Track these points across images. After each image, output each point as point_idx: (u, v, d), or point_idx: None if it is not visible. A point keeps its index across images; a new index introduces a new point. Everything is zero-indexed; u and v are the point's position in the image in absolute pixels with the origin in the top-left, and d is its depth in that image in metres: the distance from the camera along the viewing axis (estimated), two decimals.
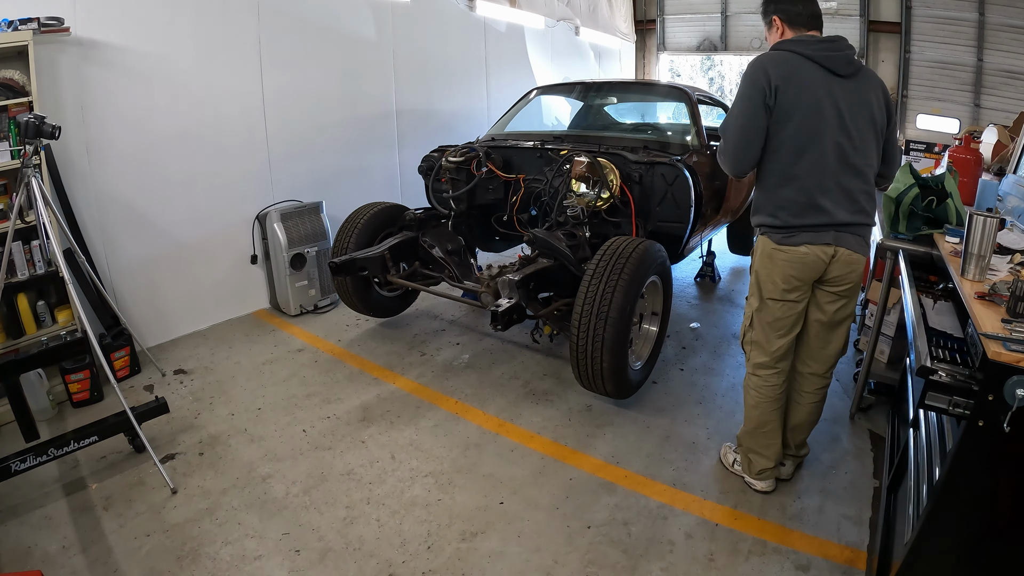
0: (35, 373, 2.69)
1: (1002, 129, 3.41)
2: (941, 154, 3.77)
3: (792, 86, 1.81)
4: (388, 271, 3.35)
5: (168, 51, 3.37)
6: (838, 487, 2.31)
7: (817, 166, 1.85)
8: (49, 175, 2.84)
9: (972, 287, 1.61)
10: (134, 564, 1.92)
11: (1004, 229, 2.10)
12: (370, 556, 1.96)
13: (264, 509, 2.18)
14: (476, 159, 3.55)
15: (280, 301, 4.04)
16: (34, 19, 2.69)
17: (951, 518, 1.38)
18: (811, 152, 1.85)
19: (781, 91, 1.81)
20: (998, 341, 1.26)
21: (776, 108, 1.83)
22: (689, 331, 3.81)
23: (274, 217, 3.85)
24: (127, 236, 3.35)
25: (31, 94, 2.70)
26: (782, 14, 1.95)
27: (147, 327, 3.44)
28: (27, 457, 2.15)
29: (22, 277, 2.75)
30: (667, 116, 5.56)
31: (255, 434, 2.66)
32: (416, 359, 3.40)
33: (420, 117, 5.10)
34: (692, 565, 1.93)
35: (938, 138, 5.55)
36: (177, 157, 3.50)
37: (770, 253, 1.99)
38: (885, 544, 1.84)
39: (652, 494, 2.27)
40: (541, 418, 2.79)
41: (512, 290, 2.72)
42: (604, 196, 3.08)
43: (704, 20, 8.06)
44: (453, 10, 5.35)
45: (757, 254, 2.06)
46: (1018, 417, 1.19)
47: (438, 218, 3.70)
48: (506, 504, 2.21)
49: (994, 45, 5.90)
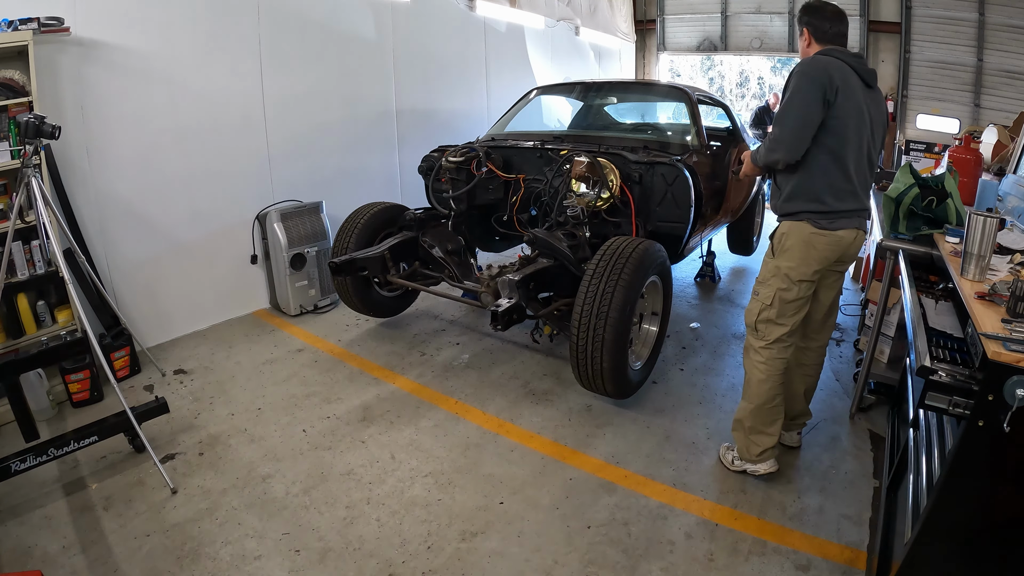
0: (35, 373, 2.69)
1: (1002, 129, 3.41)
2: (941, 154, 3.78)
3: (846, 88, 2.02)
4: (388, 271, 3.35)
5: (168, 51, 3.37)
6: (838, 487, 2.31)
7: (855, 159, 2.08)
8: (49, 175, 2.84)
9: (972, 287, 1.61)
10: (134, 564, 1.92)
11: (1004, 229, 2.10)
12: (370, 556, 1.96)
13: (264, 509, 2.18)
14: (476, 159, 3.55)
15: (280, 301, 4.04)
16: (34, 19, 2.69)
17: (951, 518, 1.38)
18: (852, 146, 2.06)
19: (840, 91, 1.99)
20: (998, 341, 1.26)
21: (834, 106, 2.00)
22: (689, 331, 3.81)
23: (274, 217, 3.85)
24: (127, 236, 3.34)
25: (31, 94, 2.70)
26: (812, 28, 2.16)
27: (147, 327, 3.44)
28: (27, 457, 2.15)
29: (22, 277, 2.75)
30: (667, 116, 5.57)
31: (255, 434, 2.66)
32: (416, 359, 3.40)
33: (420, 117, 5.10)
34: (692, 565, 1.93)
35: (938, 138, 5.56)
36: (177, 157, 3.50)
37: (808, 238, 2.10)
38: (885, 544, 1.84)
39: (652, 494, 2.27)
40: (541, 418, 2.79)
41: (512, 290, 2.72)
42: (604, 196, 3.08)
43: (704, 20, 8.06)
44: (453, 10, 5.35)
45: (791, 240, 2.13)
46: (1018, 417, 1.19)
47: (438, 218, 3.70)
48: (506, 504, 2.21)
49: (994, 45, 5.90)
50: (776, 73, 13.49)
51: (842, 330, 3.83)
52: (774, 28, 7.50)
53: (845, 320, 3.99)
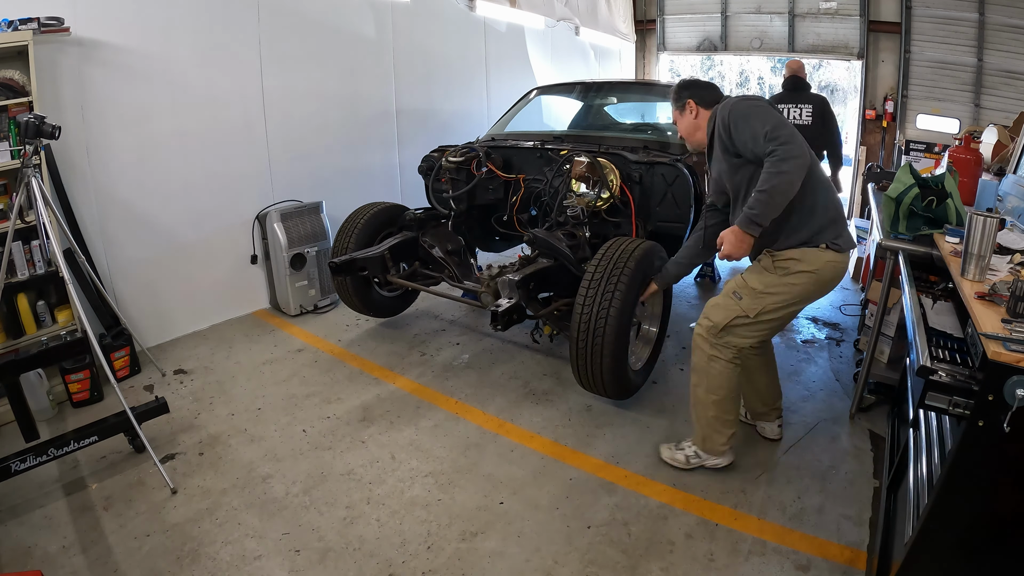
0: (35, 373, 2.69)
1: (1002, 129, 3.40)
2: (941, 154, 3.78)
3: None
4: (388, 271, 3.35)
5: (168, 51, 3.37)
6: (838, 487, 2.31)
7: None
8: (49, 175, 2.84)
9: (972, 287, 1.61)
10: (134, 564, 1.92)
11: (1004, 229, 2.10)
12: (370, 556, 1.96)
13: (264, 509, 2.18)
14: (476, 159, 3.55)
15: (280, 301, 4.04)
16: (34, 19, 2.69)
17: (951, 518, 1.38)
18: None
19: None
20: (998, 341, 1.26)
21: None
22: (689, 331, 3.79)
23: (274, 217, 3.85)
24: (127, 236, 3.34)
25: (31, 94, 2.70)
26: (696, 98, 2.28)
27: (147, 327, 3.44)
28: (27, 457, 2.15)
29: (22, 277, 2.75)
30: (667, 116, 5.55)
31: (255, 434, 2.66)
32: (416, 359, 3.40)
33: (420, 117, 5.10)
34: (692, 565, 1.93)
35: (938, 138, 5.57)
36: (177, 157, 3.50)
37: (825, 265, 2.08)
38: (885, 544, 1.84)
39: (652, 494, 2.27)
40: (541, 418, 2.79)
41: (512, 290, 2.72)
42: (604, 196, 3.08)
43: (704, 20, 8.05)
44: (453, 10, 5.35)
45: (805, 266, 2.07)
46: (1018, 417, 1.19)
47: (438, 218, 3.70)
48: (506, 504, 2.21)
49: (994, 45, 5.89)
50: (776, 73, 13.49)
51: (842, 330, 3.83)
52: (774, 28, 7.50)
53: (845, 320, 3.99)
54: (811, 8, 7.09)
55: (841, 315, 4.09)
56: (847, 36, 6.95)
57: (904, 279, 2.04)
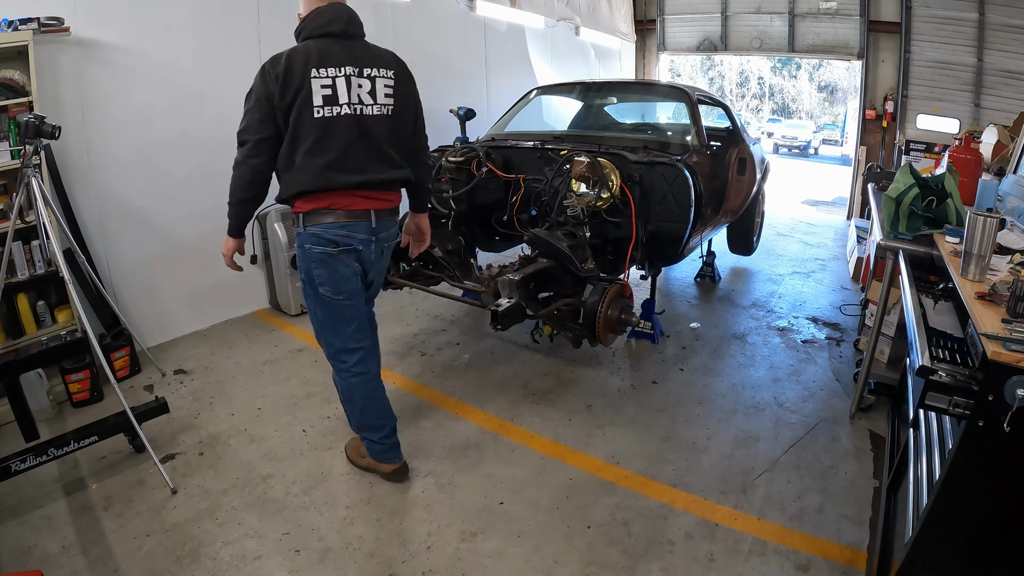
0: (35, 373, 2.69)
1: (1002, 129, 3.40)
2: (941, 154, 3.78)
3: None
4: (388, 271, 3.34)
5: (168, 51, 3.36)
6: (838, 487, 2.31)
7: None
8: (49, 175, 2.83)
9: (972, 287, 1.61)
10: (134, 564, 1.92)
11: (1004, 229, 2.10)
12: (370, 556, 1.96)
13: (264, 509, 2.18)
14: (476, 159, 3.55)
15: (280, 301, 4.04)
16: (34, 19, 2.69)
17: (951, 518, 1.38)
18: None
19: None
20: (998, 341, 1.26)
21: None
22: (689, 331, 3.81)
23: (274, 217, 3.85)
24: (127, 236, 3.34)
25: (31, 94, 2.70)
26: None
27: (147, 327, 3.43)
28: (27, 457, 2.15)
29: (22, 277, 2.75)
30: (667, 116, 5.57)
31: (255, 434, 2.66)
32: (416, 359, 3.40)
33: None
34: (692, 565, 1.93)
35: (938, 138, 5.58)
36: (177, 157, 3.50)
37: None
38: (885, 544, 1.84)
39: (652, 494, 2.27)
40: (541, 418, 2.79)
41: (512, 290, 2.71)
42: (604, 196, 3.08)
43: (704, 20, 8.05)
44: (453, 10, 5.35)
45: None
46: (1018, 417, 1.19)
47: (438, 218, 3.69)
48: (506, 504, 2.21)
49: (994, 45, 5.89)
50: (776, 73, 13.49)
51: (842, 330, 3.83)
52: (774, 28, 7.51)
53: (845, 320, 3.99)
54: (811, 8, 7.10)
55: (841, 315, 4.09)
56: (847, 36, 6.96)
57: (904, 279, 2.04)
